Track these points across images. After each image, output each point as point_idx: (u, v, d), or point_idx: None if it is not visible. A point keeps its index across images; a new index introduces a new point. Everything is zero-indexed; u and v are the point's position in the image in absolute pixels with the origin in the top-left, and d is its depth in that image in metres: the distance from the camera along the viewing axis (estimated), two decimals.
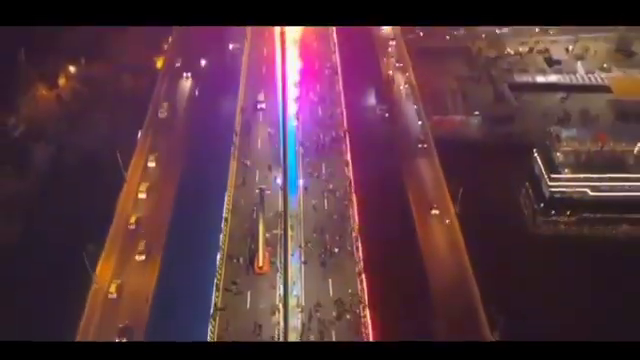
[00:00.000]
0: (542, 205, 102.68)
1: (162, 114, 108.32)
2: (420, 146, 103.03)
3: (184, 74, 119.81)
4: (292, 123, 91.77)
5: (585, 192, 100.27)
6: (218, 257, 68.07)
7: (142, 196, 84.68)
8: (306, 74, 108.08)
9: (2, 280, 77.24)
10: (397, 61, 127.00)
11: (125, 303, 67.94)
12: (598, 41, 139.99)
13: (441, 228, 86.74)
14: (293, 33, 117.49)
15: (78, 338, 63.86)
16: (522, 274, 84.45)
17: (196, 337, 57.97)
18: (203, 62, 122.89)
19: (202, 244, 70.62)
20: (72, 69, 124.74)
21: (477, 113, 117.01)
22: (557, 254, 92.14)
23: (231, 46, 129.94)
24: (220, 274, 66.16)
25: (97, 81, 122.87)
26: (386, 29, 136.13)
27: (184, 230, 74.93)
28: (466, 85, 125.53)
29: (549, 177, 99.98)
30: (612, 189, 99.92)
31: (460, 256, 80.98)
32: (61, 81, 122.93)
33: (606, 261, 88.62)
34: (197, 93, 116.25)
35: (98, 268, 74.05)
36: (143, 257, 73.91)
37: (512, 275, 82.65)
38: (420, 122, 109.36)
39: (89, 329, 65.41)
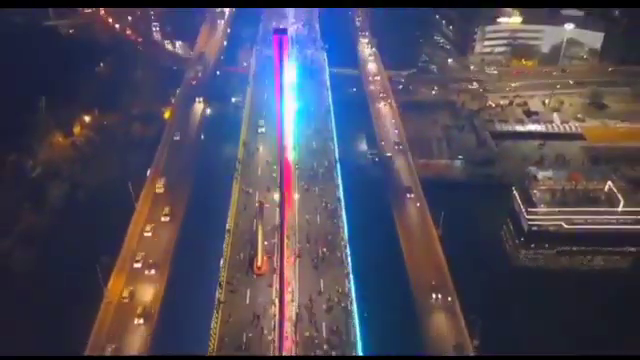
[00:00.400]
0: (522, 238, 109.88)
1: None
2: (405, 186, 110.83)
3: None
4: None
5: (560, 225, 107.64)
6: (221, 262, 75.63)
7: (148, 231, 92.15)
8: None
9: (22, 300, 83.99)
10: (387, 113, 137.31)
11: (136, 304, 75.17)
12: (572, 96, 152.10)
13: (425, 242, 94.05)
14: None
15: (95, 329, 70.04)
16: (503, 300, 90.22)
17: (203, 326, 64.77)
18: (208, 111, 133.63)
19: (207, 253, 78.52)
20: (87, 119, 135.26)
21: (461, 157, 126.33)
22: (537, 284, 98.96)
23: (233, 99, 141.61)
24: (223, 275, 73.39)
25: (109, 129, 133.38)
26: (376, 85, 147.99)
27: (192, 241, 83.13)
28: (451, 133, 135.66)
29: (527, 211, 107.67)
30: (585, 222, 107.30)
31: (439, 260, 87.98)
32: (76, 129, 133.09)
33: (582, 291, 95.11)
34: (203, 137, 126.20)
35: (110, 283, 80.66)
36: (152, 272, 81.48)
37: (493, 299, 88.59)
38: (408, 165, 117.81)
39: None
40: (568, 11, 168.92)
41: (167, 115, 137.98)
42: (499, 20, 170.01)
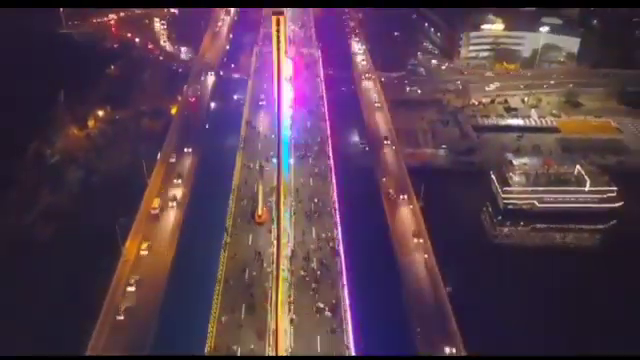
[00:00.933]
0: (499, 217, 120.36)
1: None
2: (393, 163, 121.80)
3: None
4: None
5: (533, 204, 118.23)
6: (227, 213, 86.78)
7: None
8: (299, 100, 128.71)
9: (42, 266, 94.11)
10: (378, 108, 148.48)
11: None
12: (550, 95, 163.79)
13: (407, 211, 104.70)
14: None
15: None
16: (483, 274, 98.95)
17: (213, 263, 75.72)
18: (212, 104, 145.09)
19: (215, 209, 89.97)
20: (100, 113, 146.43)
21: (444, 147, 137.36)
22: (510, 256, 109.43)
23: (235, 97, 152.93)
24: (229, 223, 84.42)
25: (121, 122, 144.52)
26: (368, 84, 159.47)
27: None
28: (436, 127, 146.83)
29: (502, 191, 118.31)
30: (555, 201, 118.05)
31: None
32: (90, 123, 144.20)
33: (549, 262, 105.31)
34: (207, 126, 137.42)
35: (127, 243, 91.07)
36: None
37: (473, 273, 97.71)
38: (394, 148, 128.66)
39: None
40: (547, 19, 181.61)
41: (174, 111, 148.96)
42: (482, 27, 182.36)
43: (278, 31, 66.90)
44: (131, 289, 79.76)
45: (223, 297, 71.48)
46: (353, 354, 63.17)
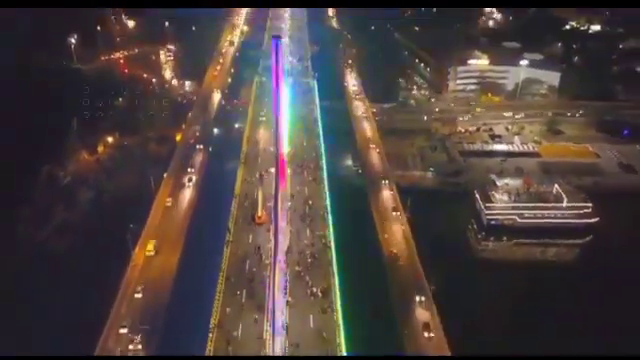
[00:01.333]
0: (483, 232, 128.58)
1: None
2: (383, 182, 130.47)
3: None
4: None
5: (514, 219, 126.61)
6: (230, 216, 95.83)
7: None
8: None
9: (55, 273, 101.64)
10: (370, 135, 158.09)
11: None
12: (533, 124, 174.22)
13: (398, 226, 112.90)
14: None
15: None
16: (469, 286, 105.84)
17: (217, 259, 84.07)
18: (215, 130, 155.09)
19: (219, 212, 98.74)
20: (109, 139, 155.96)
21: (432, 169, 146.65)
22: (493, 268, 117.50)
23: (237, 125, 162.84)
24: (231, 223, 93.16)
25: (128, 148, 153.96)
26: (361, 113, 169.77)
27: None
28: (424, 152, 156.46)
29: (485, 207, 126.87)
30: (535, 217, 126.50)
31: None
32: (100, 148, 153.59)
33: (537, 276, 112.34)
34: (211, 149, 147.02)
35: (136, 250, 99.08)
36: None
37: (459, 283, 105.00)
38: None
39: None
40: (529, 55, 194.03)
41: (178, 138, 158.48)
42: (469, 62, 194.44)
43: (277, 52, 76.25)
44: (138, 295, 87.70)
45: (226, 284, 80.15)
46: (342, 331, 70.55)
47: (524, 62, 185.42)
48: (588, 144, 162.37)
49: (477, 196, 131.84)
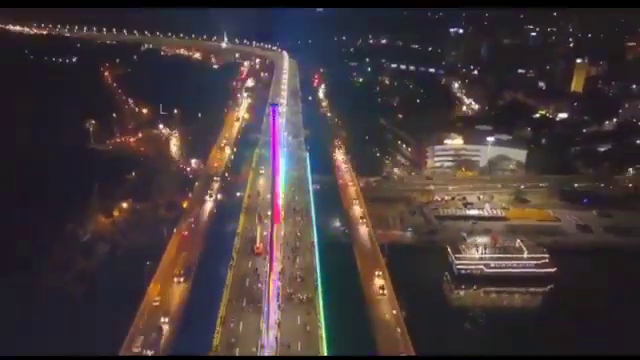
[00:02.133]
0: (454, 281, 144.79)
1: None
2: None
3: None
4: None
5: (482, 269, 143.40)
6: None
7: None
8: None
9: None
10: (356, 203, 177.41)
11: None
12: (502, 194, 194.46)
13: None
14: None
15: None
16: (444, 330, 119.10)
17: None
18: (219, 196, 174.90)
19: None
20: (124, 205, 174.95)
21: (410, 229, 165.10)
22: (463, 312, 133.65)
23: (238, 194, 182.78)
24: (234, 256, 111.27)
25: (141, 212, 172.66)
26: (349, 186, 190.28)
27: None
28: (404, 216, 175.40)
29: (456, 258, 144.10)
30: (500, 267, 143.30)
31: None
32: (115, 213, 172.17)
33: (505, 322, 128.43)
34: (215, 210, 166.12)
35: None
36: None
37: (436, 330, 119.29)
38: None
39: None
40: (499, 135, 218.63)
41: (185, 205, 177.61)
42: (445, 142, 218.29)
43: (274, 116, 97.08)
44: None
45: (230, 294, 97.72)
46: (323, 329, 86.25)
47: (491, 139, 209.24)
48: (550, 210, 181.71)
49: (449, 250, 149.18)
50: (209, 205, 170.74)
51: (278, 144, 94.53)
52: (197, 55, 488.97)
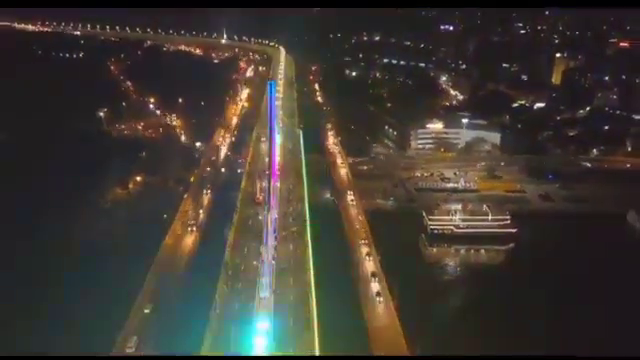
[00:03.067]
0: (429, 241, 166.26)
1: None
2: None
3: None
4: None
5: (452, 229, 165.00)
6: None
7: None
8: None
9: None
10: (345, 177, 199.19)
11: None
12: (476, 171, 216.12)
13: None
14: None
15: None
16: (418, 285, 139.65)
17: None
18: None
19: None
20: (137, 179, 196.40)
21: (392, 199, 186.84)
22: (433, 267, 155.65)
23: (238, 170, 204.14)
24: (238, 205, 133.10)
25: (152, 185, 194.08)
26: (339, 163, 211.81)
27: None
28: (387, 189, 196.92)
29: (429, 219, 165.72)
30: (468, 227, 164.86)
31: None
32: (130, 185, 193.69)
33: (472, 275, 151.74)
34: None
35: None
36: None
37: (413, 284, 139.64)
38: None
39: None
40: (475, 121, 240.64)
41: (192, 179, 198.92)
42: (427, 126, 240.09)
43: (271, 91, 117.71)
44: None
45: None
46: (311, 259, 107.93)
47: (465, 120, 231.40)
48: (518, 184, 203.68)
49: (424, 214, 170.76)
50: (214, 176, 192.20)
51: (274, 117, 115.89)
52: (198, 51, 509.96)
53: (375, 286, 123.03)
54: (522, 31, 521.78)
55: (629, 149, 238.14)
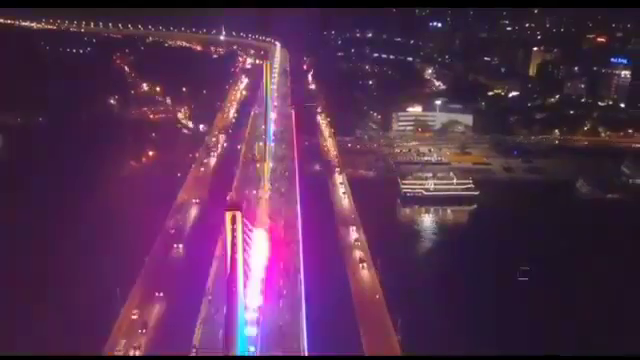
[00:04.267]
0: (403, 203, 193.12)
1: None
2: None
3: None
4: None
5: (422, 192, 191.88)
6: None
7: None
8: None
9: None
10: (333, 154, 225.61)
11: None
12: (450, 148, 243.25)
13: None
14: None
15: None
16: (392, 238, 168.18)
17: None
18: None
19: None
20: (150, 154, 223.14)
21: (373, 169, 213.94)
22: (405, 224, 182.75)
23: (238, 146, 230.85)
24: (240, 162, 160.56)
25: (160, 159, 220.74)
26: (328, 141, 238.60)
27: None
28: (370, 162, 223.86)
29: (402, 183, 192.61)
30: (436, 190, 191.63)
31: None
32: (144, 159, 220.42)
33: (438, 227, 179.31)
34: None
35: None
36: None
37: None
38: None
39: None
40: (451, 105, 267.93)
41: (197, 155, 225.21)
42: (408, 109, 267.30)
43: (266, 71, 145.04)
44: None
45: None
46: (299, 206, 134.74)
47: (438, 102, 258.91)
48: (485, 158, 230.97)
49: (399, 179, 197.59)
50: (218, 150, 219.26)
51: (270, 90, 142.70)
52: (198, 47, 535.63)
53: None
54: (508, 28, 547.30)
55: (586, 129, 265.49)
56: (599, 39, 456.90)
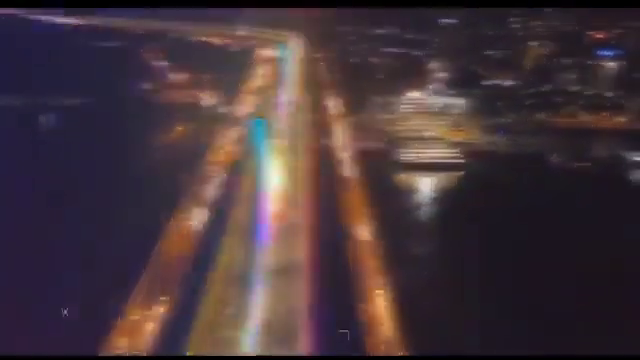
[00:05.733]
0: (398, 168, 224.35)
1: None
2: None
3: None
4: None
5: (414, 159, 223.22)
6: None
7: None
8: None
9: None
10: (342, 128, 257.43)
11: None
12: (444, 127, 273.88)
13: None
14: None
15: None
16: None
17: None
18: None
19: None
20: (179, 128, 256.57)
21: (377, 142, 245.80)
22: (400, 187, 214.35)
23: None
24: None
25: (191, 133, 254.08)
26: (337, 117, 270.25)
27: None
28: (374, 136, 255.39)
29: (399, 152, 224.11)
30: (427, 158, 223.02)
31: None
32: (173, 134, 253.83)
33: (428, 187, 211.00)
34: None
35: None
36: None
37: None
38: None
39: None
40: (449, 91, 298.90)
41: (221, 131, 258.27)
42: (408, 94, 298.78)
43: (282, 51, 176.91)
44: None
45: None
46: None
47: (436, 87, 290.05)
48: (474, 136, 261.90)
49: (397, 150, 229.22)
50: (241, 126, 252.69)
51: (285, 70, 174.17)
52: (217, 40, 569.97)
53: None
54: (514, 25, 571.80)
55: (569, 113, 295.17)
56: (597, 35, 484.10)
